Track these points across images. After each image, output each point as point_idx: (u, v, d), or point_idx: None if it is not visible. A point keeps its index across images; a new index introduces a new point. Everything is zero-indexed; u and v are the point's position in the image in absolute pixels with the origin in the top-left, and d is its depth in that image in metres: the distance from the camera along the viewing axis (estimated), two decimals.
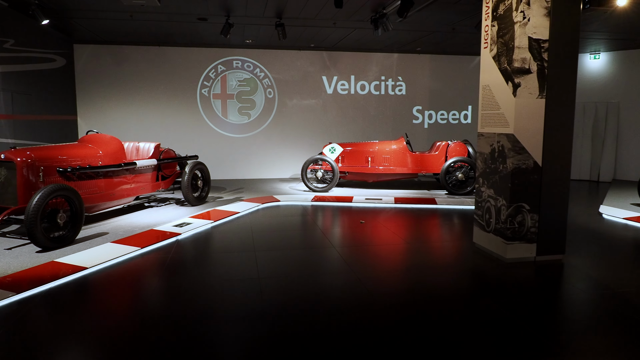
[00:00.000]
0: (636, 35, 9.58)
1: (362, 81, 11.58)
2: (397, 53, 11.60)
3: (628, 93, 11.18)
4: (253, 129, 11.27)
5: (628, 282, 4.28)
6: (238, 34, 9.44)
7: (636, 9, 6.91)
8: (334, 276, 4.44)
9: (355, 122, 11.67)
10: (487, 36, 5.03)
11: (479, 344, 3.08)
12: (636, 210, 7.41)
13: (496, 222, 4.86)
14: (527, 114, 4.57)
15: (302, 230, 6.33)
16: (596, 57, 11.52)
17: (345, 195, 8.72)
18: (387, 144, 9.38)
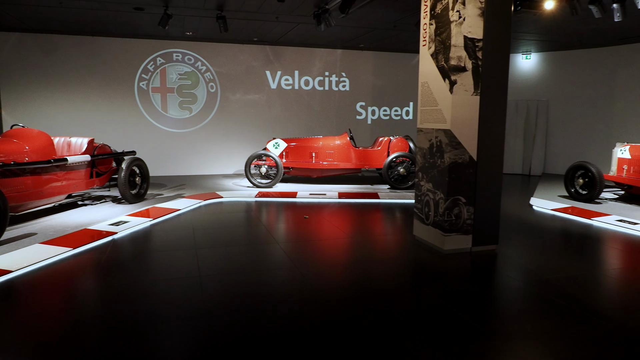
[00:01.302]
0: (563, 38, 10.18)
1: (306, 76, 11.57)
2: (341, 49, 11.68)
3: (556, 92, 11.88)
4: (195, 124, 10.99)
5: (555, 269, 4.55)
6: (178, 26, 9.15)
7: (562, 13, 7.33)
8: (278, 272, 4.41)
9: (299, 117, 11.66)
10: (426, 34, 5.16)
11: (418, 332, 3.16)
12: (563, 201, 7.90)
13: (435, 215, 5.02)
14: (463, 111, 4.74)
15: (245, 227, 6.25)
16: (528, 57, 12.14)
17: (290, 190, 8.70)
18: (331, 139, 9.43)
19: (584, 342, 3.03)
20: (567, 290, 3.95)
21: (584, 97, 11.49)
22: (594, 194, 7.68)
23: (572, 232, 6.14)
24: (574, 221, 6.68)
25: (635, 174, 7.63)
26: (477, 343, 2.99)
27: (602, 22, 7.88)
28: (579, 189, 8.00)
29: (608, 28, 8.89)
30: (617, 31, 9.37)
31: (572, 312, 3.49)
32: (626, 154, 7.86)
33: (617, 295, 4.06)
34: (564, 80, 11.75)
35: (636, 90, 10.53)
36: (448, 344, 2.97)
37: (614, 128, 10.93)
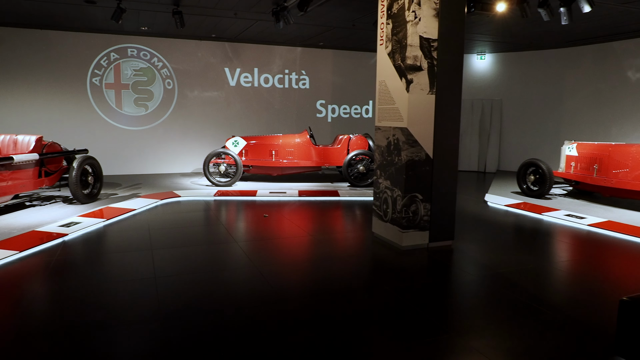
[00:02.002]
0: (515, 39, 10.54)
1: (265, 74, 11.49)
2: (301, 47, 11.66)
3: (510, 91, 12.29)
4: (151, 122, 10.70)
5: (508, 263, 4.71)
6: (132, 21, 8.87)
7: (514, 15, 7.59)
8: (236, 272, 4.36)
9: (259, 115, 11.57)
10: (383, 34, 5.21)
11: (377, 328, 3.20)
12: (516, 197, 8.18)
13: (393, 212, 5.09)
14: (419, 109, 4.82)
15: (203, 226, 6.14)
16: (482, 57, 12.50)
17: (249, 189, 8.62)
18: (291, 137, 9.41)
19: (534, 332, 3.15)
20: (519, 283, 4.09)
21: (535, 97, 11.94)
22: (544, 190, 8.00)
23: (524, 227, 6.37)
24: (526, 216, 6.93)
25: (582, 171, 7.99)
26: (433, 336, 3.05)
27: (551, 25, 8.20)
28: (531, 185, 8.31)
29: (556, 31, 9.26)
30: (564, 34, 9.78)
31: (523, 304, 3.61)
32: (574, 152, 8.22)
33: (565, 287, 4.24)
34: (517, 80, 12.17)
35: (583, 90, 11.03)
36: (405, 338, 3.02)
37: (563, 127, 11.42)
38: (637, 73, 9.88)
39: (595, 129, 10.67)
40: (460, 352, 2.87)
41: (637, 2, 7.08)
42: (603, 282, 4.29)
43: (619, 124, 10.25)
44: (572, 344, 3.01)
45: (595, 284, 4.24)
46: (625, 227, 6.05)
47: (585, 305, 3.70)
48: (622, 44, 10.10)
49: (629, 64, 10.02)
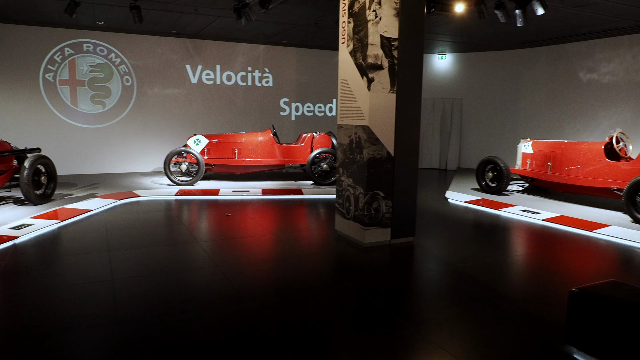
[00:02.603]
0: (474, 40, 10.80)
1: (228, 71, 11.34)
2: (263, 44, 11.57)
3: (469, 91, 12.60)
4: (109, 119, 10.37)
5: (466, 258, 4.83)
6: (87, 14, 8.57)
7: (472, 17, 7.77)
8: (197, 272, 4.29)
9: (221, 113, 11.41)
10: (344, 32, 5.23)
11: (340, 325, 3.21)
12: (475, 194, 8.40)
13: (355, 210, 5.13)
14: (380, 107, 4.87)
15: (164, 226, 6.01)
16: (443, 57, 12.75)
17: (212, 188, 8.49)
18: (254, 135, 9.33)
19: (491, 325, 3.24)
20: (478, 277, 4.20)
21: (494, 96, 12.28)
22: (502, 186, 8.25)
23: (483, 223, 6.55)
24: (485, 212, 7.12)
25: (537, 168, 8.29)
26: (394, 331, 3.09)
27: (507, 26, 8.45)
28: (489, 182, 8.55)
29: (512, 32, 9.55)
30: (520, 35, 10.10)
31: (481, 298, 3.71)
32: (529, 149, 8.51)
33: (521, 280, 4.39)
34: (476, 80, 12.48)
35: (538, 90, 11.43)
36: (367, 334, 3.05)
37: (520, 125, 11.80)
38: (587, 74, 10.32)
39: (549, 127, 11.08)
40: (420, 346, 2.92)
41: (587, 6, 7.39)
42: (555, 274, 4.46)
43: (571, 122, 10.68)
44: (526, 334, 3.12)
45: (548, 276, 4.40)
46: (576, 221, 6.32)
47: (539, 297, 3.83)
48: (573, 46, 10.52)
49: (580, 65, 10.44)
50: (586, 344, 2.73)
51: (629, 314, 2.50)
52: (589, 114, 10.29)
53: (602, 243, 5.48)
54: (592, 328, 2.68)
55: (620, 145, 7.37)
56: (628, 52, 9.50)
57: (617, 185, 6.81)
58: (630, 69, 9.48)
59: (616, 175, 6.93)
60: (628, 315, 2.50)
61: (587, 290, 2.74)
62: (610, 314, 2.58)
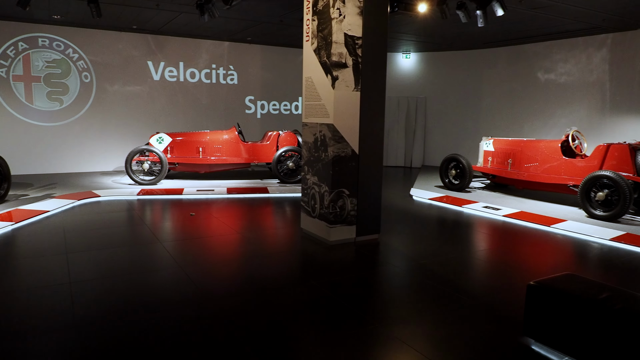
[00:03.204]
0: (437, 39, 10.99)
1: (192, 68, 11.13)
2: (228, 41, 11.42)
3: (433, 89, 12.81)
4: (67, 117, 10.01)
5: (431, 254, 4.90)
6: (42, 8, 8.23)
7: (435, 16, 7.89)
8: (160, 274, 4.19)
9: (185, 111, 11.20)
10: (309, 30, 5.22)
11: (305, 323, 3.20)
12: (439, 191, 8.54)
13: (320, 208, 5.13)
14: (345, 106, 4.89)
15: (125, 227, 5.84)
16: (407, 56, 12.92)
17: (175, 187, 8.33)
18: (218, 133, 9.20)
19: (454, 319, 3.30)
20: (441, 273, 4.27)
21: (457, 95, 12.53)
22: (465, 183, 8.43)
23: (446, 219, 6.67)
24: (448, 209, 7.26)
25: (498, 165, 8.50)
26: (358, 328, 3.10)
27: (469, 27, 8.63)
28: (452, 180, 8.72)
29: (474, 32, 9.76)
30: (482, 36, 10.34)
31: (444, 293, 3.78)
32: (490, 147, 8.72)
33: (482, 275, 4.49)
34: (440, 79, 12.71)
35: (499, 90, 11.73)
36: (332, 331, 3.05)
37: (482, 123, 12.08)
38: (545, 74, 10.66)
39: (510, 126, 11.40)
40: (384, 342, 2.94)
41: (544, 8, 7.62)
42: (515, 268, 4.59)
43: (530, 120, 11.01)
44: (487, 327, 3.19)
45: (508, 270, 4.53)
46: (535, 216, 6.52)
47: (499, 291, 3.93)
48: (532, 46, 10.85)
49: (538, 66, 10.78)
50: (543, 336, 2.82)
51: (583, 305, 2.59)
52: (547, 113, 10.64)
53: (560, 237, 5.67)
54: (549, 320, 2.76)
55: (575, 143, 7.65)
56: (583, 54, 9.87)
57: (573, 182, 7.07)
58: (584, 70, 9.85)
59: (572, 172, 7.19)
60: (582, 306, 2.59)
61: (544, 283, 2.82)
62: (566, 305, 2.67)
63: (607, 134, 9.25)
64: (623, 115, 9.15)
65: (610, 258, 4.91)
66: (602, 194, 6.36)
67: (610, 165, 6.69)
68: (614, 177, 6.20)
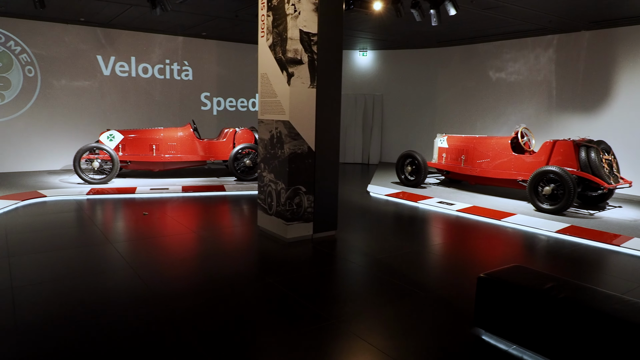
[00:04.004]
0: (393, 37, 11.13)
1: (144, 63, 10.80)
2: (182, 36, 11.14)
3: (390, 87, 12.98)
4: (9, 113, 9.49)
5: (387, 249, 4.96)
6: None
7: (389, 14, 7.99)
8: (110, 276, 4.04)
9: (138, 107, 10.85)
10: (264, 25, 5.16)
11: (262, 322, 3.16)
12: (395, 187, 8.67)
13: (277, 205, 5.09)
14: (301, 102, 4.86)
15: (73, 228, 5.60)
16: (364, 54, 13.02)
17: (128, 186, 8.06)
18: (173, 130, 8.98)
19: (408, 313, 3.35)
20: (397, 267, 4.33)
21: (412, 93, 12.75)
22: (420, 179, 8.59)
23: (403, 215, 6.78)
24: (404, 205, 7.38)
25: (452, 161, 8.72)
26: (315, 325, 3.09)
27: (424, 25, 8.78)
28: (408, 176, 8.87)
29: (429, 31, 9.95)
30: (436, 35, 10.56)
31: (399, 287, 3.83)
32: (444, 144, 8.93)
33: (436, 268, 4.59)
34: (396, 77, 12.89)
35: (452, 88, 12.02)
36: (290, 329, 3.03)
37: (436, 120, 12.36)
38: (496, 73, 11.01)
39: (463, 123, 11.71)
40: (340, 338, 2.95)
41: (494, 9, 7.86)
42: (467, 261, 4.72)
43: (482, 118, 11.35)
44: (440, 319, 3.26)
45: (461, 263, 4.65)
46: (487, 211, 6.73)
47: (452, 283, 4.03)
48: (484, 46, 11.17)
49: (490, 65, 11.12)
50: (493, 326, 2.90)
51: (529, 295, 2.68)
52: (498, 111, 10.99)
53: (510, 231, 5.87)
54: (497, 310, 2.85)
55: (524, 140, 7.94)
56: (531, 54, 10.25)
57: (522, 177, 7.34)
58: (533, 69, 10.24)
59: (521, 168, 7.46)
60: (528, 296, 2.68)
61: (493, 275, 2.90)
62: (513, 296, 2.76)
63: (553, 131, 9.66)
64: (568, 113, 9.58)
65: (556, 249, 5.13)
66: (548, 188, 6.64)
67: (556, 161, 6.99)
68: (560, 172, 6.48)
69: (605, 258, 4.90)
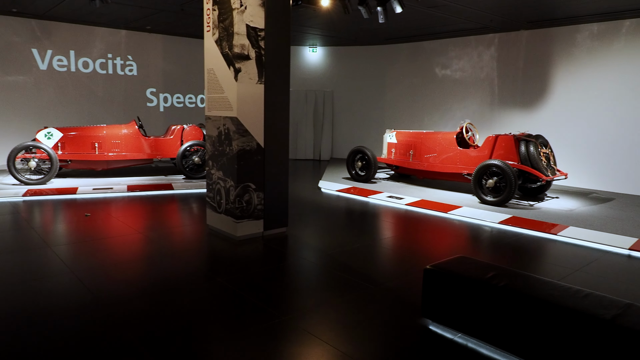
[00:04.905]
0: (342, 34, 11.20)
1: (84, 58, 10.31)
2: (125, 30, 10.73)
3: (340, 83, 13.07)
4: None
5: (338, 244, 5.00)
6: None
7: (338, 11, 8.03)
8: (49, 281, 3.83)
9: (78, 103, 10.36)
10: (210, 20, 5.05)
11: (210, 322, 3.10)
12: (346, 183, 8.75)
13: (226, 203, 5.01)
14: (249, 98, 4.80)
15: (8, 232, 5.27)
16: (314, 50, 13.03)
17: (68, 186, 7.68)
18: (117, 128, 8.64)
19: (358, 307, 3.38)
20: (347, 262, 4.37)
21: (362, 89, 12.90)
22: (370, 174, 8.71)
23: (353, 210, 6.84)
24: (355, 200, 7.46)
25: (401, 156, 8.89)
26: (265, 323, 3.07)
27: (372, 23, 8.90)
28: (359, 171, 8.97)
29: (377, 28, 10.09)
30: (384, 32, 10.71)
31: (349, 282, 3.86)
32: (393, 139, 9.10)
33: (386, 262, 4.66)
34: (346, 73, 12.99)
35: (400, 84, 12.26)
36: (240, 328, 2.98)
37: (386, 116, 12.56)
38: (442, 70, 11.32)
39: (412, 119, 11.97)
40: (290, 335, 2.94)
41: (439, 7, 8.06)
42: (416, 254, 4.83)
43: (429, 113, 11.65)
44: (389, 312, 3.31)
45: (409, 256, 4.75)
46: (434, 204, 6.91)
47: (401, 276, 4.11)
48: (430, 43, 11.46)
49: (436, 62, 11.42)
50: (439, 316, 2.98)
51: (472, 285, 2.77)
52: (445, 107, 11.32)
53: (456, 223, 6.06)
54: (443, 300, 2.93)
55: (469, 135, 8.22)
56: (474, 52, 10.61)
57: (467, 171, 7.59)
58: (476, 67, 10.60)
59: (466, 162, 7.72)
60: (471, 286, 2.78)
61: (438, 266, 2.98)
62: (457, 286, 2.84)
63: (496, 126, 10.06)
64: (509, 109, 10.00)
65: (499, 240, 5.34)
66: (491, 181, 6.90)
67: (499, 155, 7.28)
68: (502, 165, 6.75)
69: (543, 246, 5.15)
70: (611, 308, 2.38)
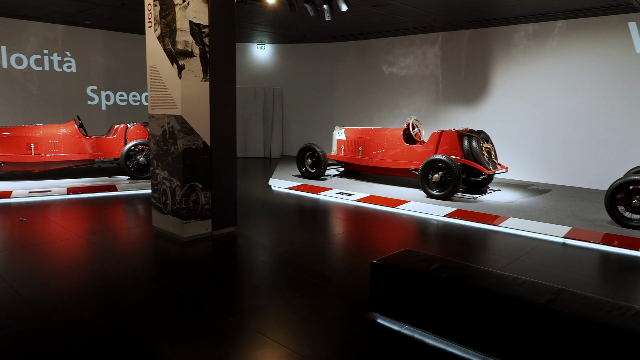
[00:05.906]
0: (290, 31, 11.17)
1: (17, 54, 9.73)
2: (62, 24, 10.21)
3: (289, 81, 13.03)
4: None
5: (288, 242, 4.99)
6: None
7: (284, 8, 7.99)
8: None
9: (11, 102, 9.77)
10: (151, 15, 4.90)
11: (157, 325, 3.01)
12: (297, 180, 8.75)
13: (172, 203, 4.88)
14: (194, 96, 4.70)
15: None
16: (262, 47, 12.93)
17: (1, 190, 7.23)
18: (54, 127, 8.22)
19: (307, 304, 3.40)
20: (297, 259, 4.37)
21: (311, 87, 12.93)
22: (320, 171, 8.75)
23: (304, 207, 6.86)
24: (305, 197, 7.47)
25: (350, 153, 8.99)
26: (214, 325, 3.02)
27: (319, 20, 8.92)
28: (309, 168, 8.99)
29: (325, 26, 10.13)
30: (332, 30, 10.77)
31: (299, 279, 3.87)
32: (343, 136, 9.18)
33: (336, 257, 4.71)
34: (295, 70, 12.97)
35: (349, 82, 12.38)
36: (187, 331, 2.92)
37: (335, 114, 12.65)
38: (389, 67, 11.52)
39: (360, 116, 12.12)
40: (239, 335, 2.91)
41: (384, 6, 8.20)
42: (365, 249, 4.91)
43: (378, 110, 11.84)
44: (338, 307, 3.35)
45: (358, 251, 4.82)
46: (383, 199, 7.04)
47: (350, 271, 4.16)
48: (377, 41, 11.64)
49: (382, 60, 11.61)
50: (386, 309, 3.05)
51: (416, 277, 2.85)
52: (392, 103, 11.54)
53: (404, 217, 6.21)
54: (389, 294, 2.99)
55: (415, 131, 8.42)
56: (419, 50, 10.87)
57: (414, 166, 7.79)
58: (421, 64, 10.88)
59: (413, 157, 7.91)
60: (415, 278, 2.85)
61: (385, 260, 3.04)
62: (402, 279, 2.91)
63: (441, 122, 10.36)
64: (453, 105, 10.33)
65: (445, 232, 5.52)
66: (437, 175, 7.11)
67: (443, 150, 7.51)
68: (446, 160, 6.97)
69: (486, 237, 5.37)
70: (545, 294, 2.51)
